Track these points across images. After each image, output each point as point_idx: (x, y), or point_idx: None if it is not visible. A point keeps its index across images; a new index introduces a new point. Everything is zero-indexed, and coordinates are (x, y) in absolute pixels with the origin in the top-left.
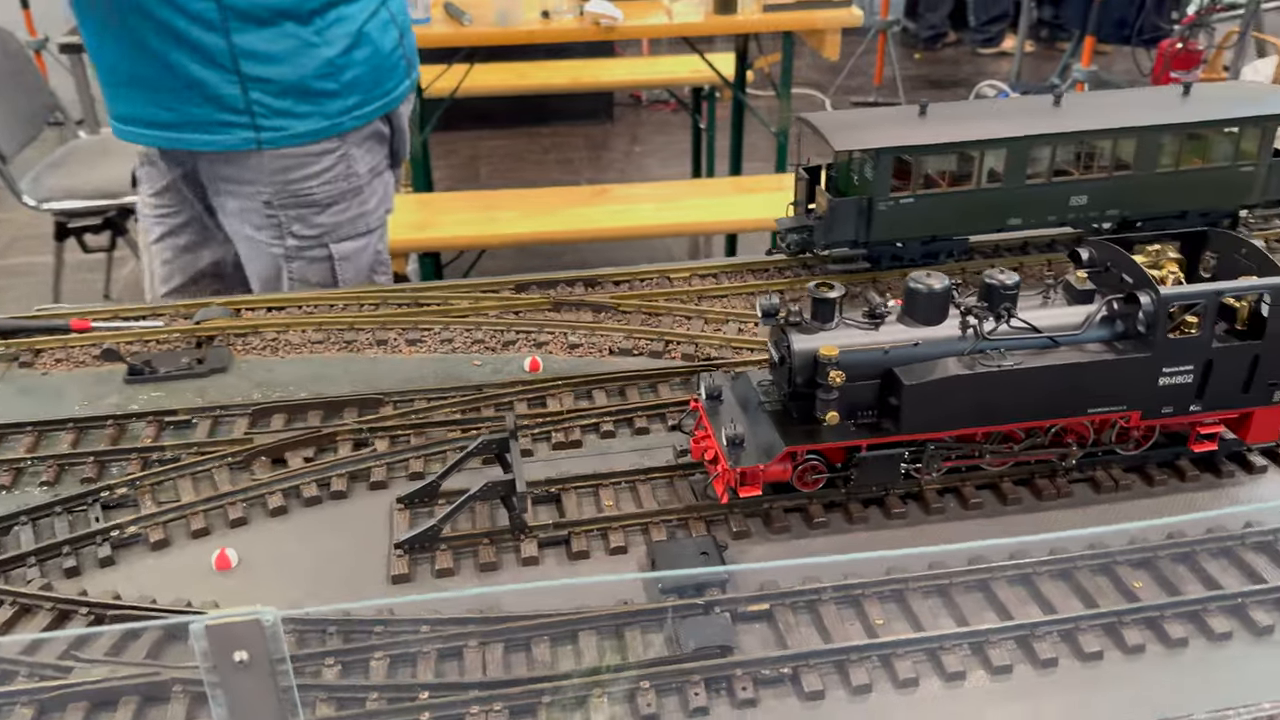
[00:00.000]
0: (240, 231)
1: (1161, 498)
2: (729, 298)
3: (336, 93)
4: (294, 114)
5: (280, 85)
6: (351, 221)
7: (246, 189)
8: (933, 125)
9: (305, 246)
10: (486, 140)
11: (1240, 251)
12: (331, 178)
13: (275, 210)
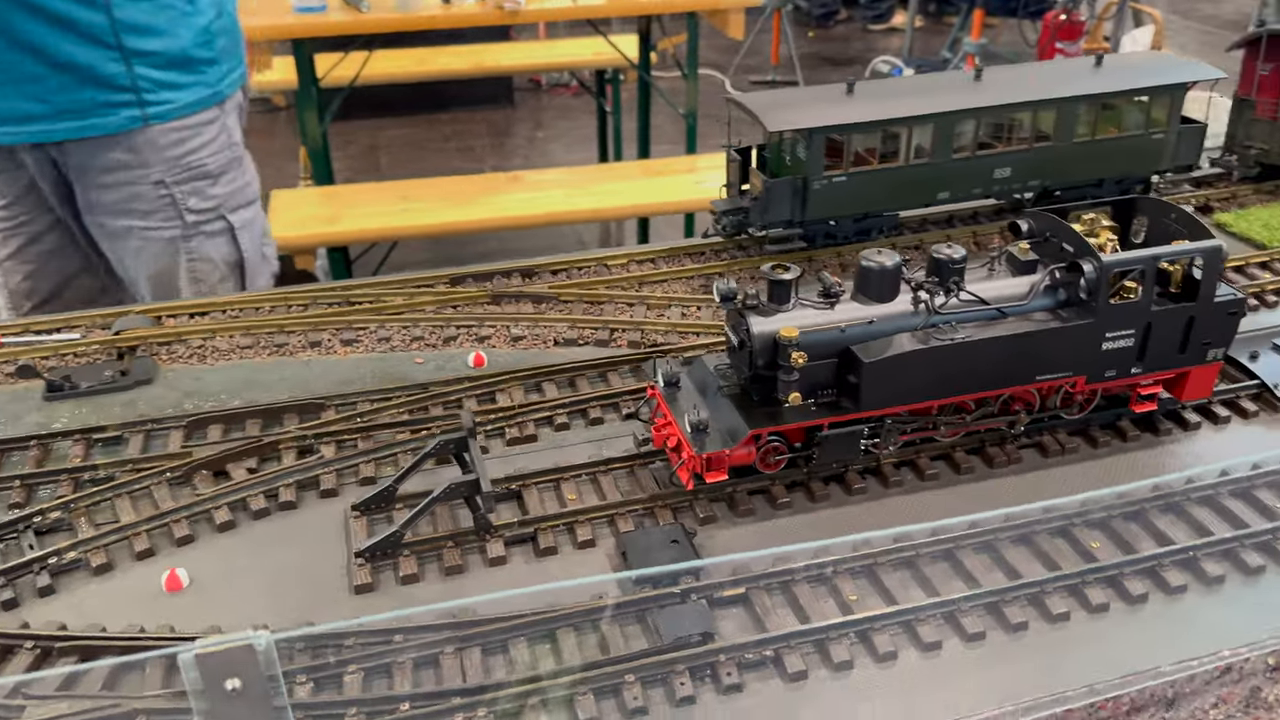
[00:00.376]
0: (120, 226)
1: (1105, 459)
2: (669, 282)
3: (213, 60)
4: (178, 85)
5: (164, 57)
6: (241, 190)
7: (134, 173)
8: (861, 103)
9: (203, 220)
10: (385, 129)
11: (1170, 216)
12: (218, 147)
13: (169, 188)
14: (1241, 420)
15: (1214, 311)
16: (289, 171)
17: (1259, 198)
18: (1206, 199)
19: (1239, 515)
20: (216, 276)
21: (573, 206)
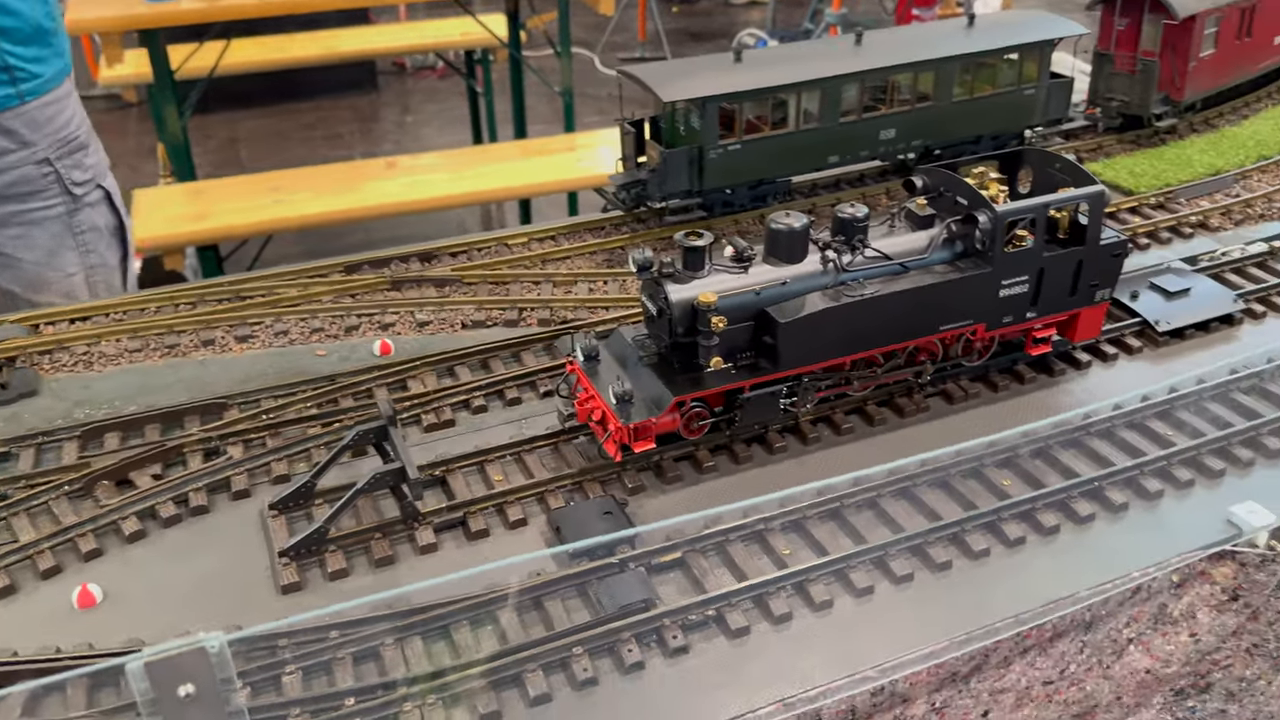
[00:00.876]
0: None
1: (1007, 401)
2: (572, 258)
3: (58, 30)
4: (40, 59)
5: (22, 33)
6: (102, 156)
7: (18, 155)
8: (750, 71)
9: (84, 192)
10: (244, 121)
11: (1054, 166)
12: (80, 117)
13: (53, 165)
14: (1128, 357)
15: (1100, 254)
16: (146, 170)
17: (1123, 147)
18: (1076, 150)
19: (1135, 445)
20: (104, 244)
21: (454, 190)
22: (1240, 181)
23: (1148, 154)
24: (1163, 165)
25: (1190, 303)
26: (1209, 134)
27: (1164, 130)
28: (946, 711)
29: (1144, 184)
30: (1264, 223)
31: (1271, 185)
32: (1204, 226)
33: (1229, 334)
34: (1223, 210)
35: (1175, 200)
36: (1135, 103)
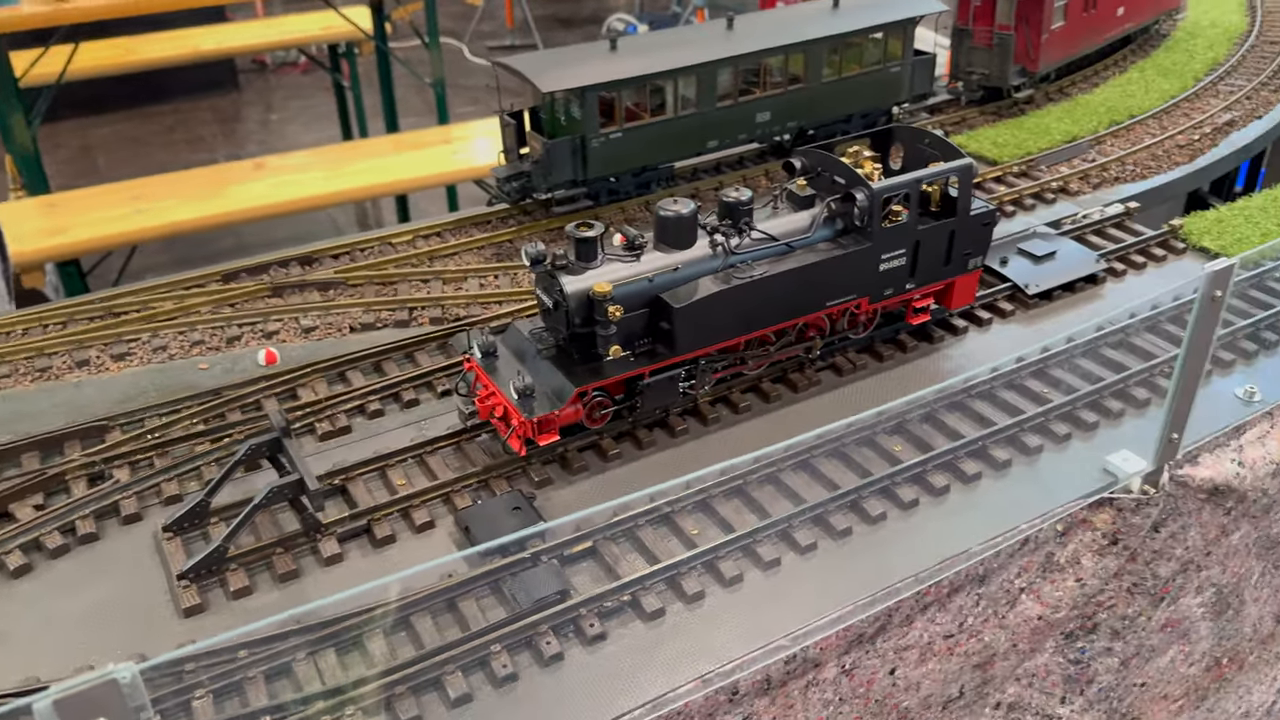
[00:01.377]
0: None
1: (892, 370)
2: (460, 254)
3: None
4: None
5: None
6: None
7: None
8: (626, 59)
9: None
10: (97, 127)
11: (924, 142)
12: None
13: None
14: (1001, 320)
15: (971, 224)
16: None
17: (985, 118)
18: (942, 124)
19: (1014, 405)
20: None
21: (329, 189)
22: (1095, 147)
23: (1008, 124)
24: (1023, 134)
25: (1056, 265)
26: (1064, 102)
27: (1022, 101)
28: (856, 672)
29: (1007, 154)
30: (1119, 185)
31: (1124, 149)
32: (1065, 191)
33: (1094, 293)
34: (1081, 175)
35: (1037, 168)
36: (994, 75)
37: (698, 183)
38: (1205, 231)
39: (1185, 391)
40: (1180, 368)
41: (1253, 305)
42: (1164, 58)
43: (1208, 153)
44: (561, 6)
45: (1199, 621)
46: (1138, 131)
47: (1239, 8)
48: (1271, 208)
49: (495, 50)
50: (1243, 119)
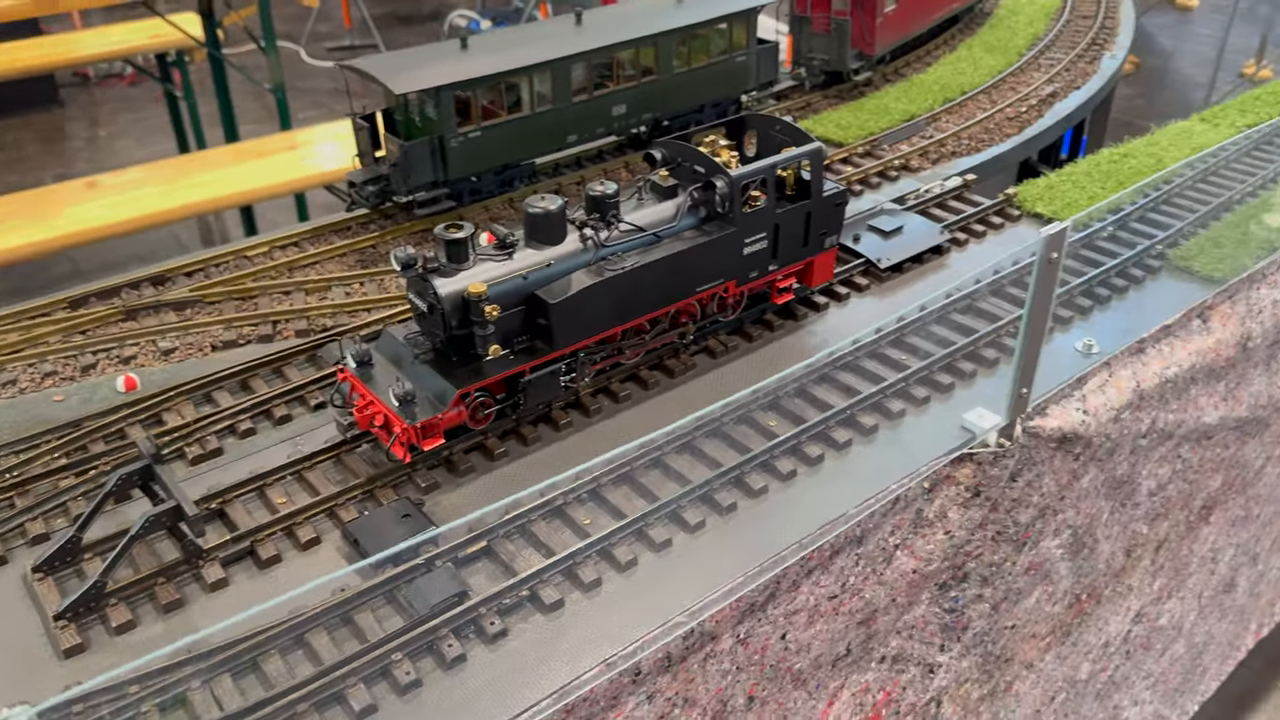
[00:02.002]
0: None
1: (762, 349)
2: (321, 263)
3: None
4: None
5: None
6: None
7: None
8: (479, 58)
9: None
10: None
11: (775, 128)
12: None
13: None
14: (859, 294)
15: (825, 205)
16: None
17: (828, 102)
18: (788, 109)
19: (876, 373)
20: None
21: (169, 204)
22: (932, 124)
23: (850, 107)
24: (865, 116)
25: (904, 239)
26: (900, 83)
27: (862, 83)
28: (750, 640)
29: (851, 135)
30: (956, 159)
31: (958, 125)
32: (907, 168)
33: (940, 263)
34: (920, 151)
35: (880, 147)
36: (834, 60)
37: (560, 178)
38: (1038, 198)
39: (1031, 349)
40: (1025, 327)
41: (1085, 264)
42: (989, 35)
43: (1034, 124)
44: (401, 4)
45: (1058, 562)
46: (970, 107)
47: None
48: (1095, 172)
49: (334, 51)
50: (1064, 90)
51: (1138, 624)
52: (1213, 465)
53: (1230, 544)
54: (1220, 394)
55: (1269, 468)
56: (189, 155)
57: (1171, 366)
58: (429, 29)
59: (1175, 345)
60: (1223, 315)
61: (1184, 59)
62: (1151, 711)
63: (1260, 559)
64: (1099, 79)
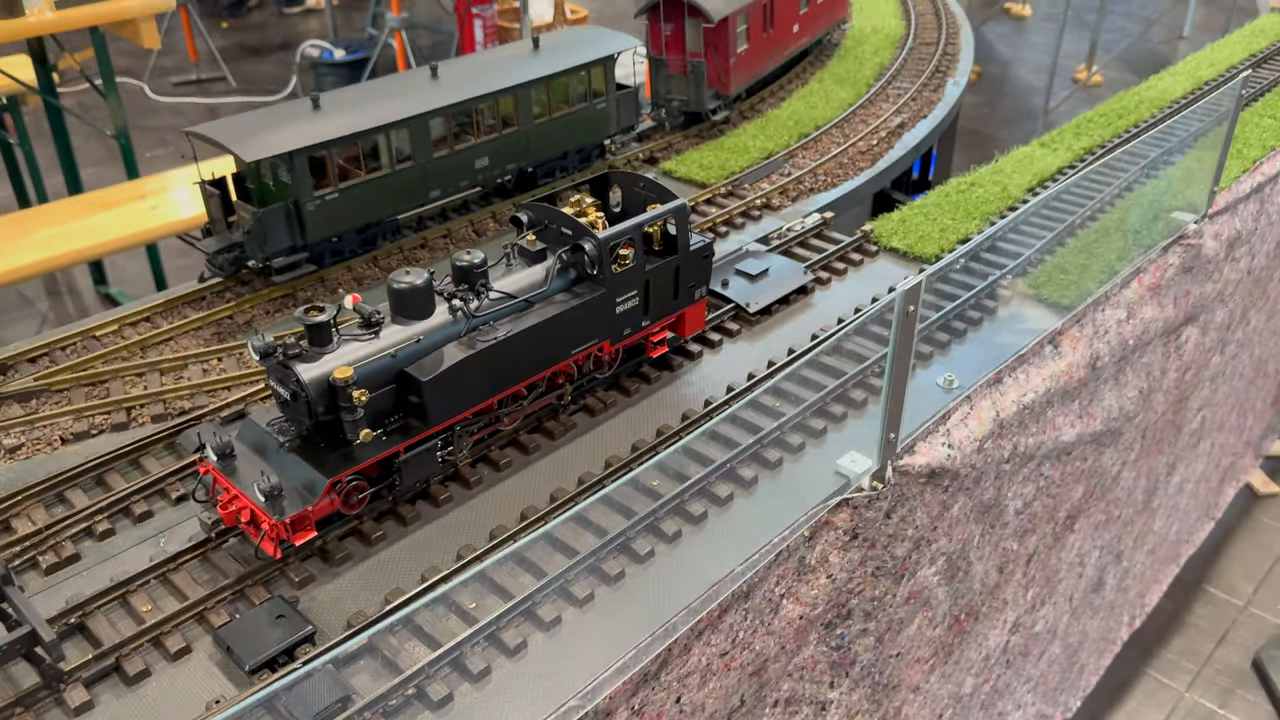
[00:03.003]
0: None
1: (640, 403)
2: (176, 339)
3: None
4: None
5: None
6: None
7: None
8: (332, 117)
9: None
10: None
11: (639, 185)
12: None
13: None
14: (730, 339)
15: (692, 258)
16: None
17: (689, 142)
18: (650, 151)
19: (752, 422)
20: None
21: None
22: (790, 160)
23: (711, 146)
24: (725, 155)
25: (770, 281)
26: (757, 119)
27: (720, 122)
28: (645, 710)
29: (713, 175)
30: (814, 195)
31: (815, 160)
32: (769, 207)
33: (806, 303)
34: (780, 190)
35: (741, 187)
36: (692, 101)
37: (425, 232)
38: (893, 233)
39: (895, 398)
40: (888, 378)
41: (941, 298)
42: (839, 66)
43: (886, 155)
44: (248, 34)
45: (936, 588)
46: (824, 142)
47: (895, 13)
48: (945, 203)
49: (180, 86)
50: (911, 120)
51: (1015, 634)
52: (1073, 478)
53: (1095, 547)
54: (1075, 412)
55: (1125, 471)
56: (30, 210)
57: (1028, 393)
58: (280, 59)
59: (1030, 372)
60: (1072, 339)
61: (1022, 66)
62: (1035, 712)
63: (1124, 556)
64: (944, 106)
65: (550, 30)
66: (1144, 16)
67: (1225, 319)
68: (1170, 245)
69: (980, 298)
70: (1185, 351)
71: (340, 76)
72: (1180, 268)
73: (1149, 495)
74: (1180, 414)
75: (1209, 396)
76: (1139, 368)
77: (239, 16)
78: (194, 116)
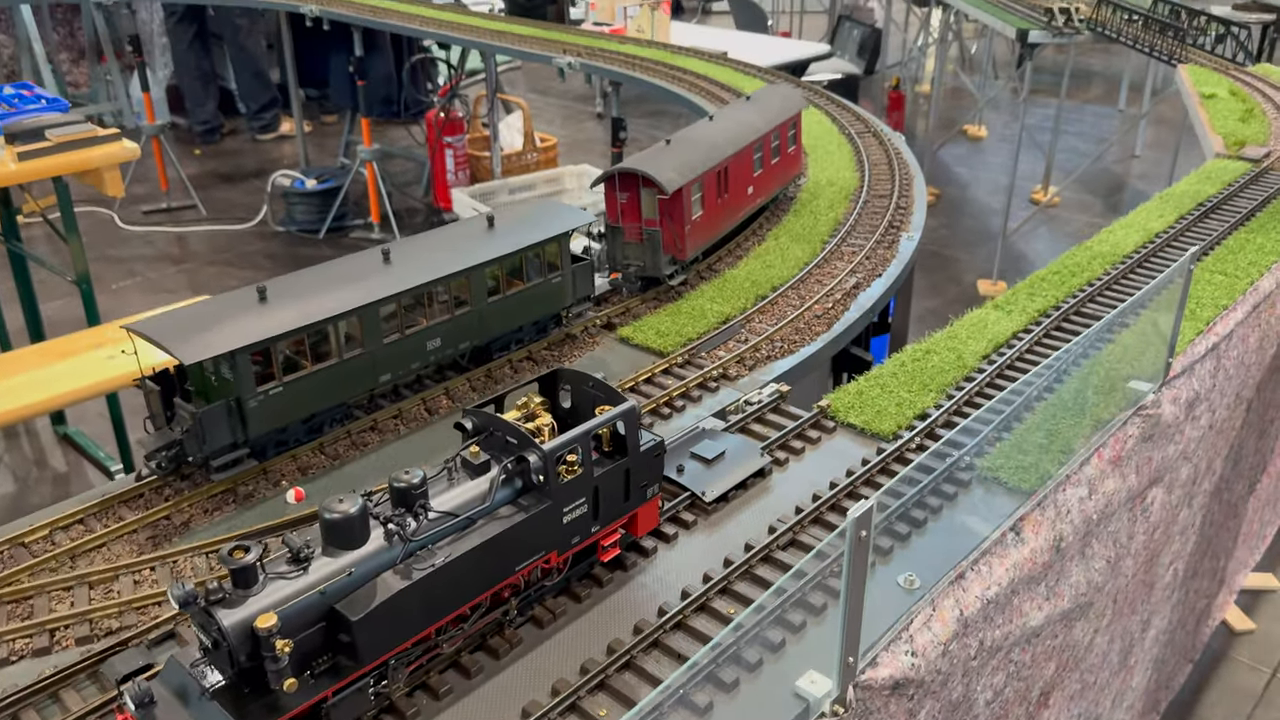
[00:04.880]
0: None
1: (590, 610)
2: (109, 544)
3: None
4: None
5: None
6: None
7: None
8: (277, 309)
9: None
10: None
11: (588, 385)
12: None
13: None
14: (686, 532)
15: (643, 459)
16: None
17: (646, 306)
18: (608, 317)
19: (706, 633)
20: None
21: None
22: (746, 326)
23: (668, 310)
24: (682, 320)
25: (727, 464)
26: (714, 280)
27: (677, 285)
28: None
29: (670, 343)
30: (771, 363)
31: (771, 325)
32: (725, 377)
33: (764, 486)
34: (738, 358)
35: (698, 355)
36: (648, 266)
37: (376, 414)
38: (850, 407)
39: (853, 619)
40: (844, 601)
41: (901, 482)
42: (794, 222)
43: (841, 318)
44: (221, 161)
45: None
46: (781, 305)
47: (850, 164)
48: (901, 373)
49: (151, 214)
50: (866, 279)
51: None
52: (1045, 656)
53: (1073, 715)
54: (1042, 595)
55: (1098, 638)
56: None
57: (992, 586)
58: (252, 185)
59: (993, 563)
60: (1034, 524)
61: (980, 187)
62: None
63: (1104, 717)
64: (898, 264)
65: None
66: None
67: (1190, 474)
68: (1129, 417)
69: (939, 483)
70: (1152, 513)
71: (311, 205)
72: (1140, 437)
73: (1125, 655)
74: (1151, 571)
75: (1180, 549)
76: (1105, 538)
77: (213, 143)
78: (163, 245)
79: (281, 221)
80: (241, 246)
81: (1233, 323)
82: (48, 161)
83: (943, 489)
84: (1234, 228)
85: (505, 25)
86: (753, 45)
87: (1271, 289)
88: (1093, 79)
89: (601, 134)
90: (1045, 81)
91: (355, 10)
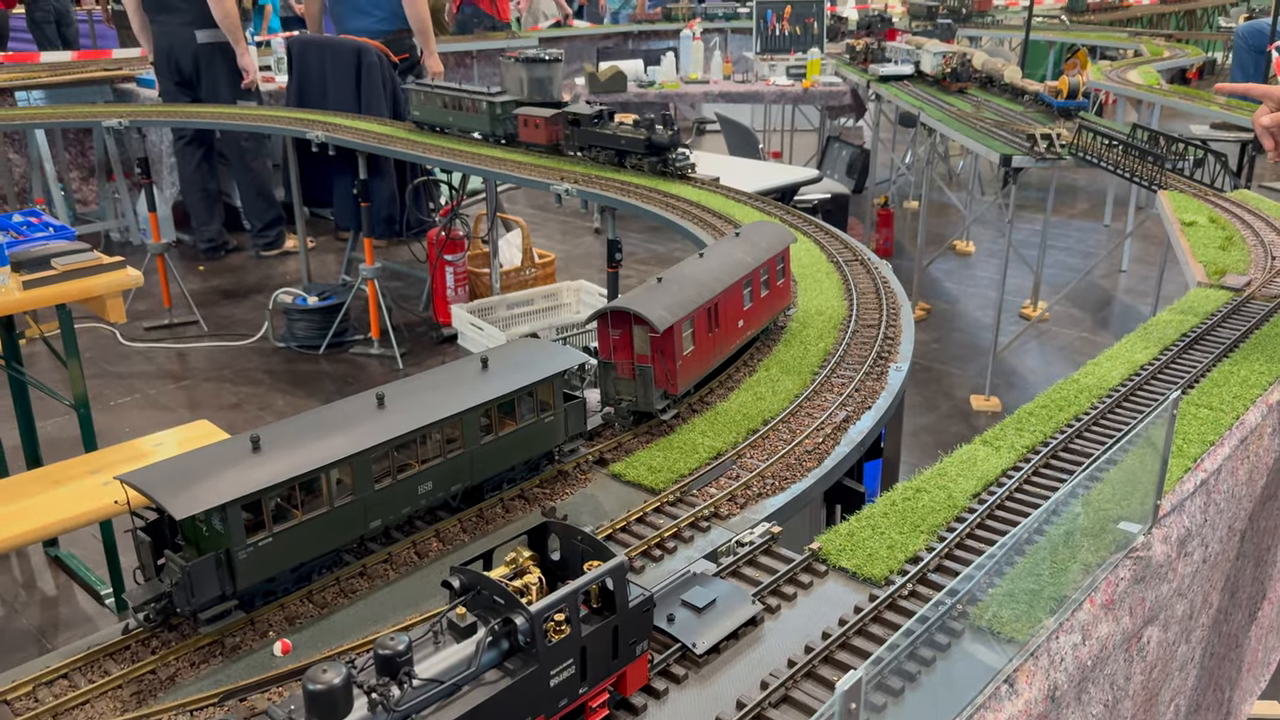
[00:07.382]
0: None
1: None
2: (92, 701)
3: None
4: None
5: None
6: None
7: None
8: (270, 458)
9: None
10: None
11: (576, 538)
12: None
13: None
14: (677, 686)
15: (632, 615)
16: None
17: (639, 441)
18: (600, 452)
19: None
20: None
21: None
22: (737, 461)
23: (660, 444)
24: (674, 455)
25: (718, 613)
26: (706, 413)
27: (669, 419)
28: None
29: (662, 479)
30: (762, 500)
31: (763, 460)
32: (717, 516)
33: (755, 636)
34: (729, 496)
35: (690, 493)
36: (640, 401)
37: (365, 559)
38: (841, 550)
39: None
40: None
41: (891, 630)
42: (784, 352)
43: (832, 453)
44: (224, 277)
45: None
46: (772, 439)
47: (838, 293)
48: (891, 513)
49: (152, 331)
50: (855, 412)
51: None
52: None
53: None
54: None
55: None
56: None
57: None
58: (255, 302)
59: (987, 718)
60: (1028, 674)
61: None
62: None
63: None
64: (887, 395)
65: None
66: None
67: (1186, 610)
68: (1120, 560)
69: (932, 632)
70: (1149, 652)
71: (312, 322)
72: (1132, 579)
73: None
74: (1152, 710)
75: (1180, 685)
76: (1101, 681)
77: (216, 260)
78: (163, 362)
79: (282, 337)
80: (241, 363)
81: (1220, 458)
82: (52, 290)
83: (936, 638)
84: (1217, 360)
85: (505, 154)
86: (745, 171)
87: (1258, 421)
88: (1077, 194)
89: (599, 248)
90: (1031, 197)
91: (360, 137)
